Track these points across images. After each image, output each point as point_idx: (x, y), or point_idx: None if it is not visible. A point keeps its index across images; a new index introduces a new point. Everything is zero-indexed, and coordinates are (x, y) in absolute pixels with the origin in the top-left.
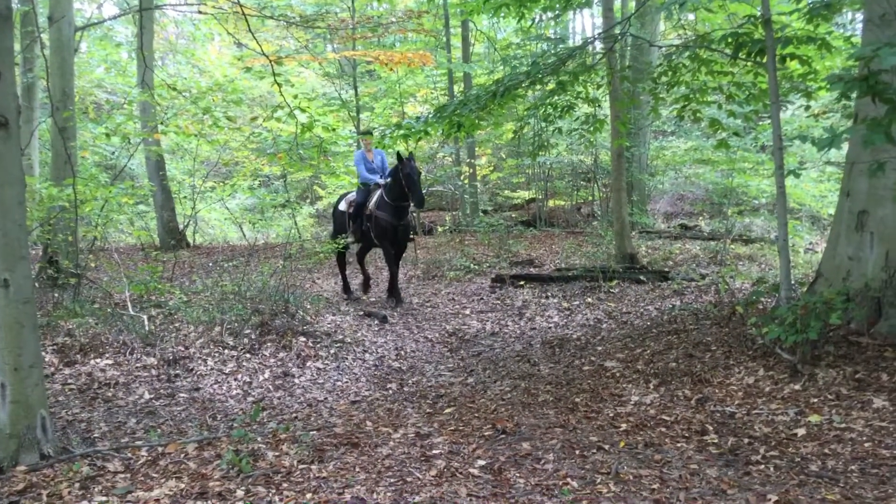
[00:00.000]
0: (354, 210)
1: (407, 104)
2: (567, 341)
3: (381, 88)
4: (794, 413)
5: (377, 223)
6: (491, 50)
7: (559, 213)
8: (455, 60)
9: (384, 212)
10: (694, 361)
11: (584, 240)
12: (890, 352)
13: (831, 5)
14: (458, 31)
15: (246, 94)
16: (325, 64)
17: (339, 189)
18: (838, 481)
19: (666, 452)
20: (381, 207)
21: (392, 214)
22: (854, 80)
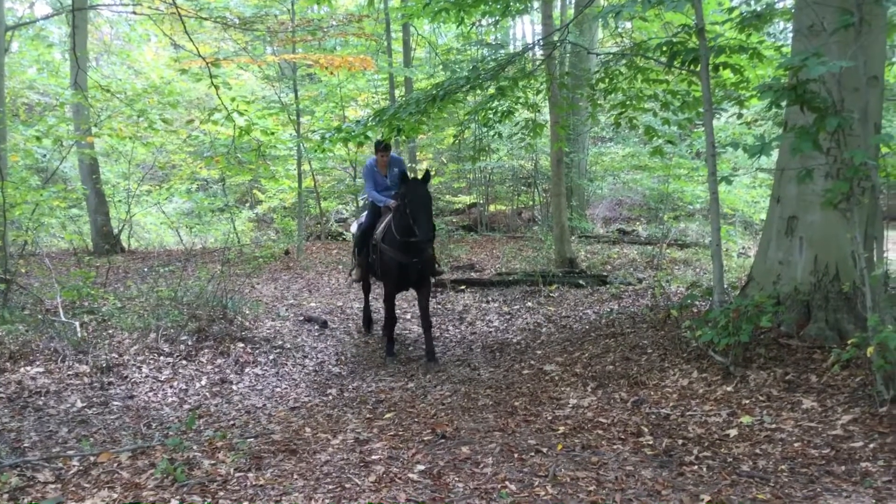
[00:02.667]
0: (359, 236)
1: (348, 108)
2: (507, 345)
3: (321, 92)
4: (726, 414)
5: (381, 260)
6: (432, 55)
7: (500, 217)
8: (396, 65)
9: (390, 245)
10: (630, 364)
11: (524, 244)
12: (818, 354)
13: (762, 16)
14: (399, 35)
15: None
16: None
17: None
18: (769, 481)
19: (602, 454)
20: (386, 239)
21: (399, 250)
22: (783, 90)
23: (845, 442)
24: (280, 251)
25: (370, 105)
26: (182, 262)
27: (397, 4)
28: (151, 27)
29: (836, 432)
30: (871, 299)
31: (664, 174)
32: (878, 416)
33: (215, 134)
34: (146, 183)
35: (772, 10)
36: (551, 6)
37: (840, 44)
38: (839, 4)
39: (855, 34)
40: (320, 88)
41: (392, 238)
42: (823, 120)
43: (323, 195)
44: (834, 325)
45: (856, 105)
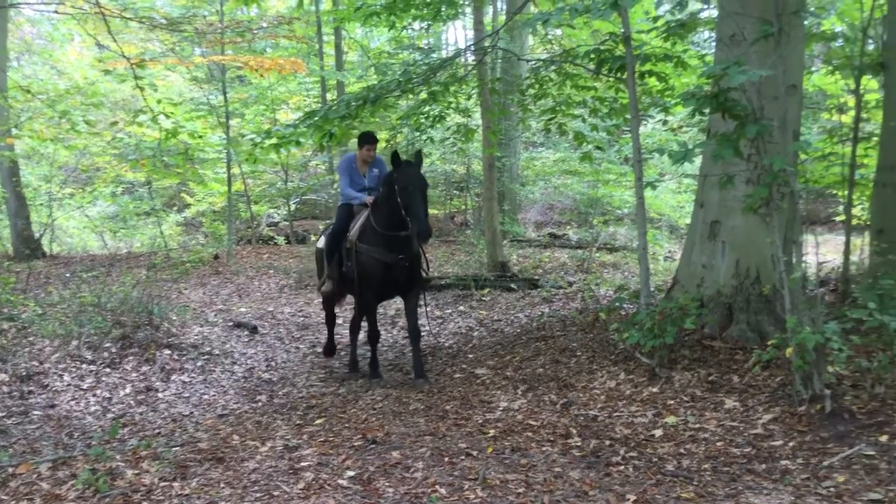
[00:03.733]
0: (330, 241)
1: (279, 111)
2: (439, 350)
3: (252, 94)
4: (652, 415)
5: (360, 262)
6: (364, 58)
7: (432, 221)
8: (328, 68)
9: (370, 244)
10: (560, 367)
11: (457, 248)
12: (740, 355)
13: (686, 25)
14: (331, 38)
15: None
16: (193, 68)
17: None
18: (692, 480)
19: (532, 456)
20: (366, 237)
21: (383, 248)
22: (705, 98)
23: (766, 440)
24: (209, 256)
25: (302, 108)
26: (106, 267)
27: (329, 7)
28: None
29: (757, 431)
30: (790, 302)
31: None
32: (797, 414)
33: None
34: (69, 186)
35: (695, 20)
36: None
37: (760, 53)
38: (759, 15)
39: (774, 44)
40: (250, 91)
41: (372, 234)
42: (744, 127)
43: (254, 199)
44: (755, 326)
45: (775, 113)
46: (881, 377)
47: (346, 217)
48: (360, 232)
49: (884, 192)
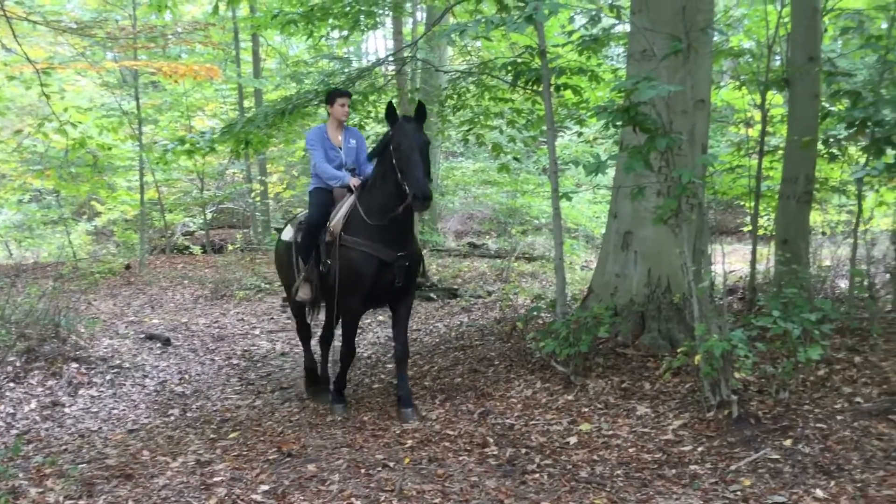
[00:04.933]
0: (305, 234)
1: (195, 118)
2: (357, 360)
3: (166, 101)
4: (567, 422)
5: (346, 258)
6: (283, 65)
7: None
8: (245, 75)
9: (361, 236)
10: (478, 376)
11: None
12: (652, 362)
13: (600, 40)
14: (248, 45)
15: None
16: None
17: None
18: (605, 486)
19: (449, 466)
20: (353, 228)
21: (379, 242)
22: (617, 111)
23: (676, 446)
24: (120, 266)
25: (218, 115)
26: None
27: (246, 14)
28: None
29: (667, 437)
30: (699, 310)
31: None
32: (706, 420)
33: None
34: None
35: (608, 35)
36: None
37: (670, 69)
38: (669, 31)
39: (683, 60)
40: (165, 97)
41: (361, 224)
42: (654, 140)
43: (168, 207)
44: (666, 334)
45: (684, 127)
46: (785, 383)
47: (324, 203)
48: (345, 222)
49: (787, 204)
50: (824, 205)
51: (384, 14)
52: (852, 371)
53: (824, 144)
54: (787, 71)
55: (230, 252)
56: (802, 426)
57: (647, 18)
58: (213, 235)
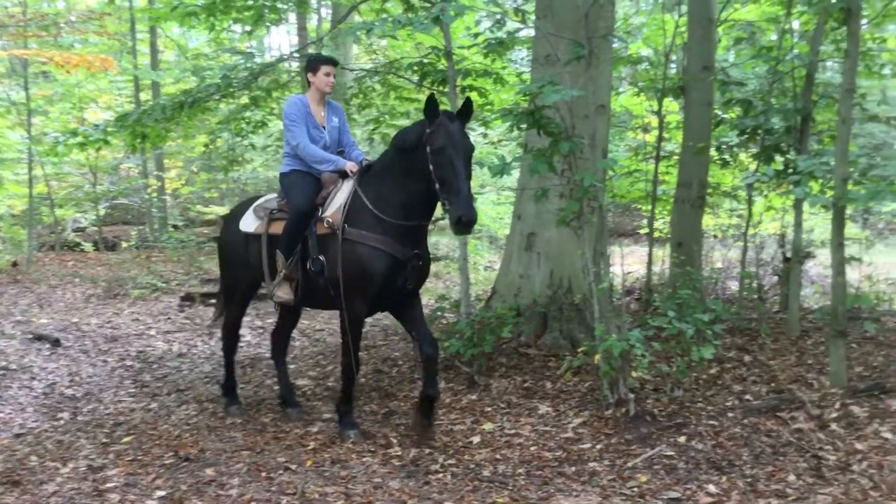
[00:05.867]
0: (291, 226)
1: (88, 110)
2: (259, 360)
3: (57, 91)
4: (470, 422)
5: (352, 255)
6: (182, 58)
7: None
8: (142, 67)
9: (371, 230)
10: (382, 377)
11: None
12: (553, 361)
13: (505, 43)
14: (145, 36)
15: None
16: None
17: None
18: (507, 484)
19: (352, 468)
20: (359, 220)
21: (393, 236)
22: (522, 114)
23: (575, 444)
24: (7, 263)
25: (113, 108)
26: None
27: (144, 4)
28: None
29: (567, 435)
30: (598, 310)
31: None
32: (604, 418)
33: None
34: None
35: (513, 39)
36: (306, 18)
37: (572, 74)
38: (572, 37)
39: (585, 65)
40: (56, 87)
41: (370, 216)
42: (557, 144)
43: (58, 202)
44: (567, 334)
45: (585, 131)
46: (679, 381)
47: (310, 189)
48: (346, 213)
49: (682, 208)
50: (716, 209)
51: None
52: (742, 370)
53: (717, 151)
54: (683, 79)
55: (124, 249)
56: (696, 423)
57: (550, 24)
58: (106, 232)
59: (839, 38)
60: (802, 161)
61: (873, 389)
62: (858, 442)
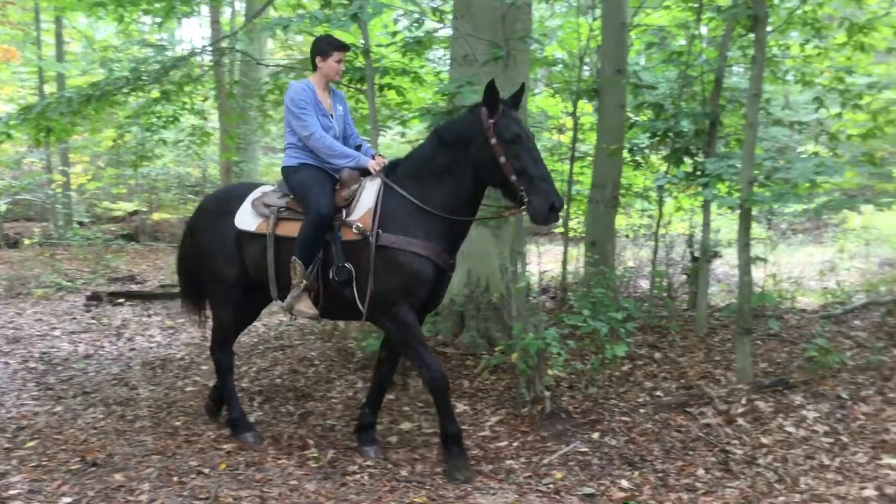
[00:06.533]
0: (312, 229)
1: None
2: (170, 361)
3: None
4: (388, 421)
5: (394, 264)
6: (89, 50)
7: (165, 226)
8: (46, 58)
9: (416, 234)
10: (298, 377)
11: None
12: (471, 360)
13: (422, 42)
14: (50, 26)
15: None
16: None
17: None
18: (425, 484)
19: (267, 471)
20: (398, 224)
21: (436, 240)
22: (441, 114)
23: (493, 442)
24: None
25: (15, 100)
26: None
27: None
28: None
29: (484, 433)
30: (515, 309)
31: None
32: (521, 416)
33: None
34: None
35: (431, 38)
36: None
37: (490, 74)
38: (489, 38)
39: (503, 66)
40: None
41: (410, 219)
42: None
43: None
44: (484, 333)
45: None
46: (594, 378)
47: (329, 187)
48: (382, 214)
49: (596, 208)
50: (628, 209)
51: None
52: (653, 366)
53: (630, 153)
54: (597, 81)
55: (27, 247)
56: (609, 420)
57: (468, 24)
58: (7, 229)
59: (746, 44)
60: (711, 164)
61: (777, 385)
62: (764, 436)
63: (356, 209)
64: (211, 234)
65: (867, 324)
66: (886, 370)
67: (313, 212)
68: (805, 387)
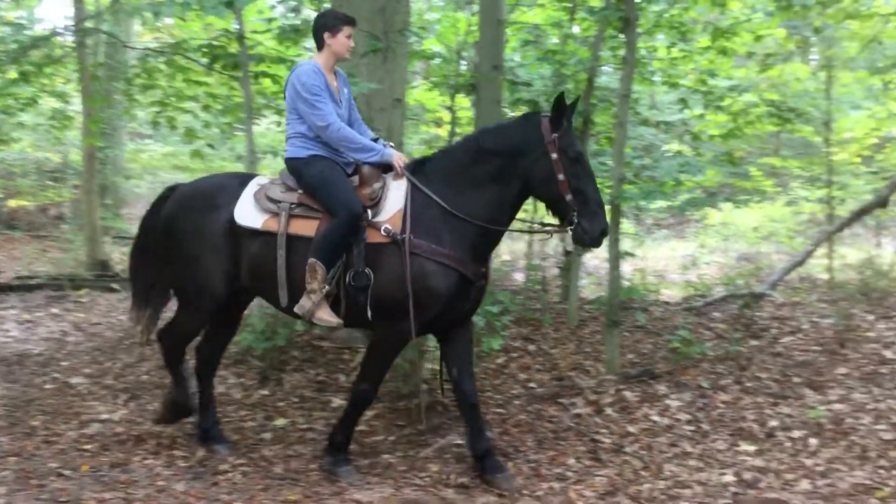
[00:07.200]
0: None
1: None
2: (27, 357)
3: None
4: (262, 418)
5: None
6: None
7: (22, 214)
8: None
9: (440, 242)
10: (166, 373)
11: (50, 244)
12: (347, 354)
13: (299, 30)
14: None
15: None
16: None
17: None
18: (300, 481)
19: (133, 472)
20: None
21: (464, 250)
22: None
23: (369, 436)
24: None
25: None
26: None
27: None
28: None
29: (361, 428)
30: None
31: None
32: (398, 410)
33: None
34: None
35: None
36: None
37: (370, 66)
38: (368, 30)
39: (382, 59)
40: None
41: (446, 226)
42: None
43: None
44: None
45: (382, 124)
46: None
47: (350, 184)
48: (412, 217)
49: None
50: None
51: None
52: (527, 358)
53: None
54: (475, 76)
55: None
56: (484, 411)
57: None
58: None
59: (616, 45)
60: None
61: (643, 375)
62: (630, 425)
63: (383, 209)
64: (195, 231)
65: (726, 315)
66: (743, 360)
67: (345, 211)
68: (669, 377)
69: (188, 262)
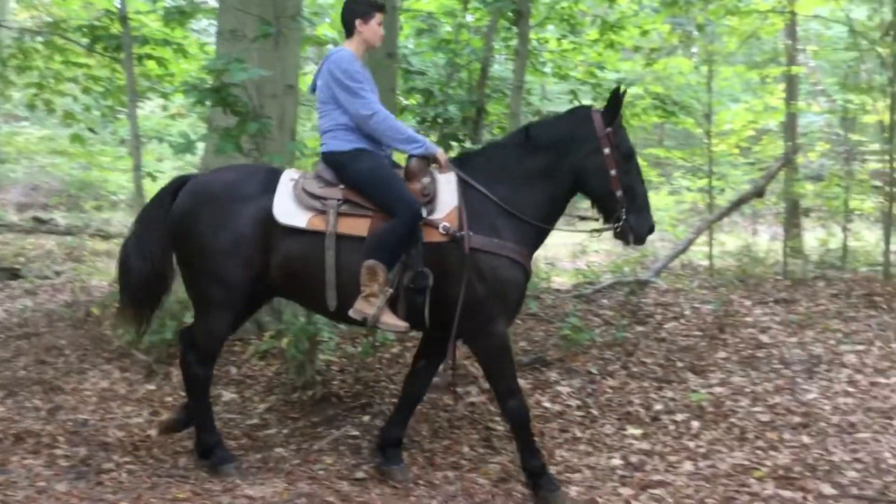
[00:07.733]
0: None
1: None
2: None
3: None
4: (148, 414)
5: (489, 271)
6: None
7: None
8: None
9: (505, 237)
10: (46, 368)
11: None
12: (239, 346)
13: (185, 12)
14: None
15: None
16: None
17: None
18: (189, 478)
19: (10, 473)
20: (484, 225)
21: (524, 245)
22: (208, 91)
23: (262, 430)
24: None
25: None
26: None
27: None
28: None
29: (253, 422)
30: None
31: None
32: (291, 402)
33: None
34: None
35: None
36: None
37: (261, 51)
38: (259, 14)
39: (274, 44)
40: None
41: (503, 222)
42: (245, 124)
43: None
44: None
45: (274, 111)
46: (364, 362)
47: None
48: (469, 213)
49: None
50: None
51: None
52: None
53: None
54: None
55: None
56: (380, 403)
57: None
58: None
59: (509, 36)
60: None
61: (535, 362)
62: None
63: (439, 206)
64: (220, 226)
65: (613, 302)
66: (629, 346)
67: (407, 210)
68: (560, 363)
69: (212, 257)
